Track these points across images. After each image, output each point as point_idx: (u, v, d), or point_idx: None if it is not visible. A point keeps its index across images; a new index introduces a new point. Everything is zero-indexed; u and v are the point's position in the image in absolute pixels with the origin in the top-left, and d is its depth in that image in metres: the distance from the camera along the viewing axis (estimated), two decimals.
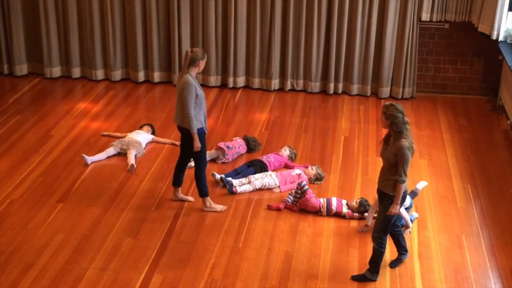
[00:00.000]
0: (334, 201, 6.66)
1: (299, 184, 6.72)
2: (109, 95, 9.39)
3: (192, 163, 7.47)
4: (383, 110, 5.38)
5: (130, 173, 7.35)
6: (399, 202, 5.42)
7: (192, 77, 6.26)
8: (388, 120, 5.33)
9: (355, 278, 5.71)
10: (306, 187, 6.68)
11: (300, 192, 6.67)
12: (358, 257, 6.02)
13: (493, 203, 6.89)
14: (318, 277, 5.75)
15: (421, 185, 6.64)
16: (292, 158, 7.66)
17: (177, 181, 6.78)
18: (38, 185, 7.06)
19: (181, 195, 6.85)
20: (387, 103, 5.41)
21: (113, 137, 8.00)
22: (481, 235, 6.37)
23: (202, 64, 6.29)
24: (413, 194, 6.61)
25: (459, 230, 6.44)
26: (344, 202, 6.70)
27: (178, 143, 7.92)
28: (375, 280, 5.68)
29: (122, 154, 7.67)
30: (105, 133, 8.16)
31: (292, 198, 6.74)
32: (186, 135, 6.42)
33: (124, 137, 7.89)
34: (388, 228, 5.57)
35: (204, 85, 9.68)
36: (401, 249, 5.92)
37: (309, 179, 7.20)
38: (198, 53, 6.23)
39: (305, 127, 8.52)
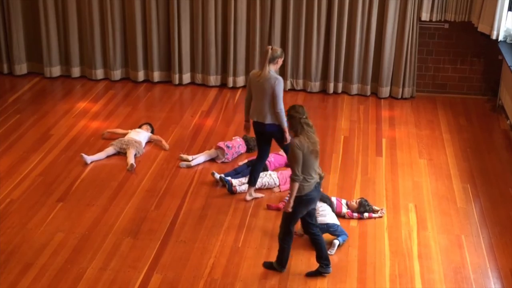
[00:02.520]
0: (333, 201, 6.65)
1: None
2: (108, 95, 9.38)
3: (192, 163, 7.48)
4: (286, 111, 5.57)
5: (130, 172, 7.34)
6: (291, 200, 5.44)
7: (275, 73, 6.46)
8: (289, 121, 5.51)
9: (309, 274, 5.76)
10: None
11: None
12: (357, 256, 6.01)
13: (492, 203, 6.88)
14: (318, 277, 5.73)
15: (335, 243, 6.10)
16: None
17: (255, 180, 6.85)
18: (38, 185, 7.06)
19: (254, 193, 6.90)
20: (292, 105, 5.59)
21: (115, 134, 7.98)
22: (480, 235, 6.36)
23: (280, 62, 6.46)
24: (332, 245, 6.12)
25: (459, 230, 6.43)
26: (343, 202, 6.69)
27: (165, 145, 7.83)
28: (281, 272, 5.72)
29: (121, 154, 7.66)
30: (108, 130, 8.13)
31: None
32: (269, 131, 6.54)
33: (126, 134, 7.87)
34: (287, 226, 5.60)
35: (204, 85, 9.69)
36: (321, 259, 5.72)
37: None
38: (278, 51, 6.40)
39: None
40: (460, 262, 5.97)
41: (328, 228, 6.18)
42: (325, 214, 6.28)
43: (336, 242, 6.09)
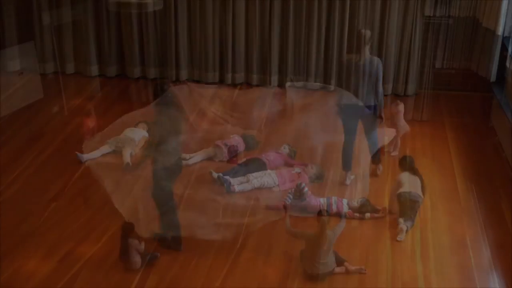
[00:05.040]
0: (334, 200, 6.57)
1: (297, 186, 6.61)
2: (104, 91, 9.30)
3: (189, 161, 7.40)
4: None
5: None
6: None
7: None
8: None
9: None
10: (306, 189, 6.57)
11: (299, 195, 6.56)
12: (358, 256, 5.94)
13: (497, 202, 6.82)
14: (318, 276, 5.64)
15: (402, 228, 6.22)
16: (291, 156, 7.58)
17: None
18: (31, 184, 6.98)
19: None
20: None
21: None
22: (484, 234, 6.29)
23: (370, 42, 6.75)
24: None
25: (462, 230, 6.37)
26: (345, 201, 6.63)
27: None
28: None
29: (117, 152, 7.56)
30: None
31: (291, 197, 6.64)
32: (366, 112, 6.70)
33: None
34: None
35: (203, 82, 9.60)
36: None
37: (309, 178, 7.10)
38: (368, 31, 6.67)
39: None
40: (464, 262, 5.91)
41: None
42: None
43: (404, 227, 6.16)
